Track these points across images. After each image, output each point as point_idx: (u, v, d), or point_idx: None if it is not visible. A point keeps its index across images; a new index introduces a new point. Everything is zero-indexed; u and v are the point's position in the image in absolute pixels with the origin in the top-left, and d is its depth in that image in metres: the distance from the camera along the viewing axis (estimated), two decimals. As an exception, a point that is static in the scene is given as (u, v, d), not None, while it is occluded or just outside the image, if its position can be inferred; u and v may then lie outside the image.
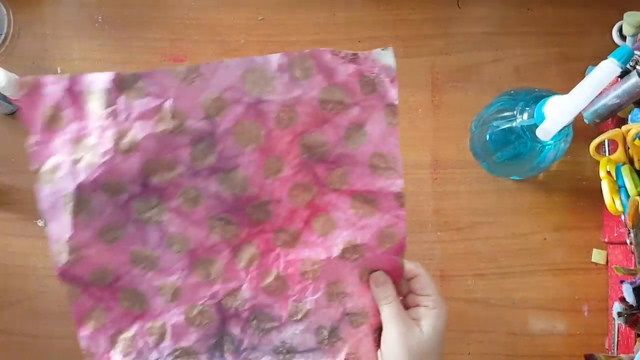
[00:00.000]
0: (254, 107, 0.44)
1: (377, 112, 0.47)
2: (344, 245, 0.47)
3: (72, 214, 0.45)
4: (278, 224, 0.48)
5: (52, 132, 0.44)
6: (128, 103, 0.44)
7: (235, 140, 0.45)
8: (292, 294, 0.48)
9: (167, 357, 0.49)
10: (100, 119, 0.44)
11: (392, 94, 0.46)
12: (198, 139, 0.45)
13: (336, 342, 0.49)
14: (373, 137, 0.47)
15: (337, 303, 0.49)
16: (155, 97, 0.44)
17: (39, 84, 0.45)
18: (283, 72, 0.44)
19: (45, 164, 0.44)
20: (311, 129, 0.46)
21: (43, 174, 0.44)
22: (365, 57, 0.46)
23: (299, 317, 0.48)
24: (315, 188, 0.48)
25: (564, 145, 0.54)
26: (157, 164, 0.45)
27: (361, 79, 0.46)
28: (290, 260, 0.48)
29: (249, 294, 0.48)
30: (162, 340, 0.49)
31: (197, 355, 0.49)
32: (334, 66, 0.46)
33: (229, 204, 0.46)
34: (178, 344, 0.49)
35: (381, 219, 0.47)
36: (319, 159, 0.47)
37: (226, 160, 0.45)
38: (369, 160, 0.47)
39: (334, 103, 0.46)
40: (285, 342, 0.49)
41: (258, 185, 0.46)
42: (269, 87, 0.45)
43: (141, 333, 0.48)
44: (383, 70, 0.47)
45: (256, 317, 0.49)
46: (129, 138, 0.44)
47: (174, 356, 0.49)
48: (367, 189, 0.47)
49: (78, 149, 0.44)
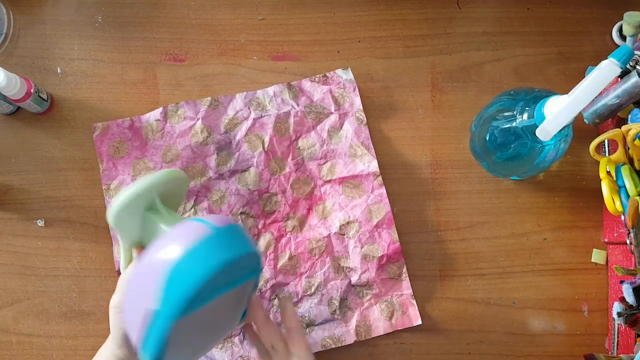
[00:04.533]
0: (258, 121, 0.63)
1: (349, 117, 0.64)
2: (340, 222, 0.62)
3: None
4: (286, 212, 0.62)
5: (117, 160, 0.62)
6: (172, 126, 0.62)
7: (247, 147, 0.62)
8: (304, 271, 0.61)
9: None
10: (153, 142, 0.62)
11: (357, 102, 0.64)
12: (221, 147, 0.62)
13: (347, 312, 0.61)
14: (349, 134, 0.63)
15: (343, 275, 0.60)
16: (190, 119, 0.62)
17: (108, 127, 0.62)
18: (276, 97, 0.63)
19: (112, 183, 0.62)
20: (302, 135, 0.63)
21: (110, 191, 0.62)
22: (332, 77, 0.64)
23: (312, 291, 0.61)
24: (312, 182, 0.63)
25: (564, 145, 0.54)
26: (193, 169, 0.62)
27: (333, 94, 0.64)
28: (299, 241, 0.62)
29: (269, 275, 0.61)
30: None
31: (231, 337, 0.60)
32: (313, 89, 0.64)
33: (246, 198, 0.62)
34: None
35: (367, 198, 0.62)
36: (311, 158, 0.63)
37: (242, 163, 0.62)
38: (349, 151, 0.63)
39: (316, 114, 0.63)
40: (304, 316, 0.60)
41: (267, 180, 0.62)
42: (267, 107, 0.63)
43: None
44: (347, 84, 0.64)
45: (277, 296, 0.60)
46: (172, 151, 0.62)
47: None
48: (351, 174, 0.63)
49: (136, 168, 0.62)
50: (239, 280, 0.39)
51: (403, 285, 0.61)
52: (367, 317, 0.60)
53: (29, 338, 0.60)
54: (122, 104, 0.64)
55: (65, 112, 0.64)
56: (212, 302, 0.37)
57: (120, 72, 0.65)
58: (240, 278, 0.39)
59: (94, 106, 0.64)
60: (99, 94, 0.64)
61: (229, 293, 0.39)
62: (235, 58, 0.65)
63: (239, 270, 0.39)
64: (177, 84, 0.64)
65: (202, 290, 0.35)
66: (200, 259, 0.34)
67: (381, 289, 0.61)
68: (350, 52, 0.66)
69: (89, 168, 0.63)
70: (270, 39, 0.66)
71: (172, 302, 0.34)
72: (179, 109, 0.62)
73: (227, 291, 0.38)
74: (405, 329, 0.61)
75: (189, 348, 0.41)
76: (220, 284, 0.37)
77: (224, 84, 0.65)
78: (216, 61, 0.65)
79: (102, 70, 0.65)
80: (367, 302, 0.60)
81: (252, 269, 0.41)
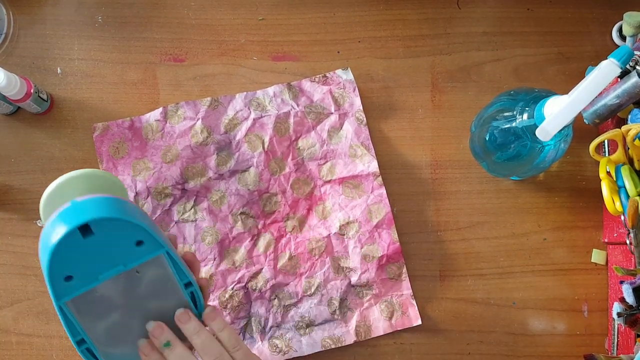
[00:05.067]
0: (258, 121, 0.62)
1: (349, 117, 0.63)
2: (340, 223, 0.62)
3: None
4: (286, 212, 0.62)
5: (117, 160, 0.62)
6: (172, 126, 0.62)
7: (247, 147, 0.62)
8: (303, 271, 0.61)
9: None
10: (153, 142, 0.62)
11: (357, 102, 0.64)
12: (221, 148, 0.62)
13: (347, 313, 0.60)
14: (349, 134, 0.63)
15: (343, 276, 0.61)
16: (190, 120, 0.62)
17: (108, 127, 0.62)
18: (276, 97, 0.63)
19: None
20: (302, 135, 0.63)
21: None
22: (332, 77, 0.64)
23: (312, 291, 0.60)
24: (312, 182, 0.63)
25: (564, 145, 0.54)
26: (193, 169, 0.61)
27: (333, 94, 0.64)
28: (299, 241, 0.62)
29: (269, 275, 0.61)
30: None
31: None
32: (312, 89, 0.64)
33: (246, 199, 0.62)
34: None
35: (367, 198, 0.62)
36: (311, 158, 0.63)
37: (242, 163, 0.62)
38: (349, 151, 0.63)
39: (316, 114, 0.63)
40: (304, 316, 0.60)
41: (266, 180, 0.62)
42: (267, 107, 0.63)
43: None
44: (347, 84, 0.64)
45: (277, 296, 0.60)
46: (172, 151, 0.62)
47: None
48: (351, 175, 0.62)
49: (136, 168, 0.62)
50: (136, 260, 0.38)
51: (403, 285, 0.61)
52: (367, 318, 0.60)
53: (29, 338, 0.60)
54: (122, 104, 0.64)
55: (65, 112, 0.64)
56: (113, 283, 0.38)
57: (120, 72, 0.65)
58: (136, 257, 0.38)
59: (94, 106, 0.64)
60: (99, 94, 0.64)
61: (133, 274, 0.38)
62: (235, 58, 0.65)
63: (127, 247, 0.37)
64: (177, 84, 0.64)
65: (63, 264, 0.35)
66: (51, 233, 0.35)
67: (381, 289, 0.61)
68: (350, 52, 0.66)
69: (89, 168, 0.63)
70: (270, 39, 0.66)
71: (48, 282, 0.35)
72: (179, 109, 0.62)
73: (123, 270, 0.37)
74: (405, 329, 0.61)
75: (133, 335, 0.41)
76: (104, 260, 0.37)
77: (224, 84, 0.65)
78: (216, 61, 0.65)
79: (102, 70, 0.65)
80: (367, 303, 0.60)
81: (151, 246, 0.38)
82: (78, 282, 0.36)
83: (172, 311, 0.42)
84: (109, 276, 0.37)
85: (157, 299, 0.41)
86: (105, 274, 0.37)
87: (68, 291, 0.36)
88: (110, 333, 0.40)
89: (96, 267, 0.37)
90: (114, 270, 0.37)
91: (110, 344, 0.40)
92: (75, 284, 0.36)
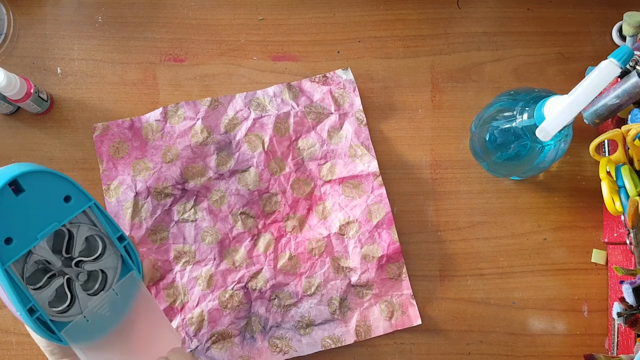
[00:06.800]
0: (258, 121, 0.62)
1: (349, 117, 0.63)
2: (340, 222, 0.61)
3: (130, 217, 0.60)
4: (286, 212, 0.62)
5: (116, 160, 0.62)
6: (171, 126, 0.62)
7: (247, 147, 0.62)
8: (303, 271, 0.61)
9: (206, 344, 0.59)
10: (153, 142, 0.62)
11: (357, 102, 0.64)
12: (221, 148, 0.62)
13: (347, 312, 0.60)
14: (349, 134, 0.63)
15: (343, 275, 0.61)
16: (190, 120, 0.62)
17: (108, 127, 0.62)
18: (276, 97, 0.63)
19: (112, 183, 0.62)
20: (302, 135, 0.63)
21: (110, 191, 0.61)
22: (332, 77, 0.64)
23: (312, 291, 0.60)
24: (312, 182, 0.63)
25: (564, 145, 0.54)
26: (193, 169, 0.61)
27: (333, 95, 0.64)
28: (299, 241, 0.62)
29: (269, 275, 0.60)
30: (201, 328, 0.59)
31: (231, 337, 0.59)
32: (312, 89, 0.64)
33: (246, 199, 0.62)
34: (215, 329, 0.59)
35: (367, 198, 0.62)
36: (311, 158, 0.63)
37: (242, 163, 0.62)
38: (349, 151, 0.63)
39: (316, 114, 0.63)
40: (304, 316, 0.60)
41: (267, 180, 0.62)
42: (267, 107, 0.63)
43: (182, 325, 0.59)
44: (347, 84, 0.64)
45: (277, 296, 0.61)
46: (172, 151, 0.61)
47: (212, 341, 0.59)
48: (351, 175, 0.62)
49: (136, 168, 0.61)
50: (67, 215, 0.40)
51: (403, 285, 0.61)
52: (367, 317, 0.60)
53: (29, 338, 0.60)
54: (122, 104, 0.64)
55: (65, 112, 0.64)
56: (49, 244, 0.40)
57: (120, 72, 0.65)
58: (67, 212, 0.40)
59: (94, 106, 0.64)
60: (99, 94, 0.64)
61: (62, 232, 0.40)
62: (235, 58, 0.65)
63: (57, 204, 0.39)
64: (177, 84, 0.64)
65: (1, 226, 0.37)
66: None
67: (381, 289, 0.61)
68: (350, 52, 0.66)
69: (89, 168, 0.63)
70: (270, 39, 0.66)
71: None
72: (179, 109, 0.62)
73: (57, 227, 0.39)
74: (405, 329, 0.61)
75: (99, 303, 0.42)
76: (39, 220, 0.39)
77: (224, 84, 0.65)
78: (216, 61, 0.65)
79: (102, 70, 0.65)
80: (367, 302, 0.60)
81: (79, 201, 0.41)
82: (18, 244, 0.38)
83: (113, 271, 0.44)
84: (45, 234, 0.39)
85: (94, 260, 0.42)
86: (42, 233, 0.39)
87: (10, 254, 0.37)
88: (55, 300, 0.41)
89: (32, 227, 0.38)
90: (49, 227, 0.39)
91: (57, 312, 0.41)
92: (16, 246, 0.38)
